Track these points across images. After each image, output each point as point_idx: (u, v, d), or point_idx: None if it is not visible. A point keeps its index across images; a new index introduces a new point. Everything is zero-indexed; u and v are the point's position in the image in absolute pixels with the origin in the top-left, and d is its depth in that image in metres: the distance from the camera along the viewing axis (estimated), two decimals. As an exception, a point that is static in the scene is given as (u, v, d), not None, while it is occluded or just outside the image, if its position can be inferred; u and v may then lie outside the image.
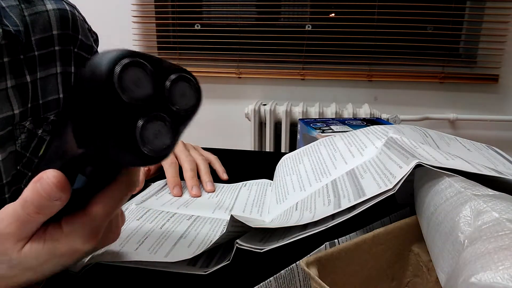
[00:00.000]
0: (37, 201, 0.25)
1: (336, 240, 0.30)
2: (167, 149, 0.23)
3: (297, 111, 1.58)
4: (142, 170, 0.57)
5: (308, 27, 1.68)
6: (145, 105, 0.22)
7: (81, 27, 0.59)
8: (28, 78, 0.51)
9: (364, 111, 1.56)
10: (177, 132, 0.24)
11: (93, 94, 0.21)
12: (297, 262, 0.30)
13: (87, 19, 0.63)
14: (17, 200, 0.26)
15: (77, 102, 0.23)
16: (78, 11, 0.60)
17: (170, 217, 0.44)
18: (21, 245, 0.27)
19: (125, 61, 0.21)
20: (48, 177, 0.24)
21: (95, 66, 0.21)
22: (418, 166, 0.32)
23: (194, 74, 0.25)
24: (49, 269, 0.29)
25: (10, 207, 0.26)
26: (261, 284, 0.29)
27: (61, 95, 0.56)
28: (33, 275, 0.29)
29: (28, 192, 0.25)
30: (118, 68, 0.20)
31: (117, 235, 0.31)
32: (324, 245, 0.30)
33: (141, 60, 0.21)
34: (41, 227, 0.27)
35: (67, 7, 0.57)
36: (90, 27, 0.63)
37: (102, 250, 0.35)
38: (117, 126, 0.21)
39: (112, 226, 0.30)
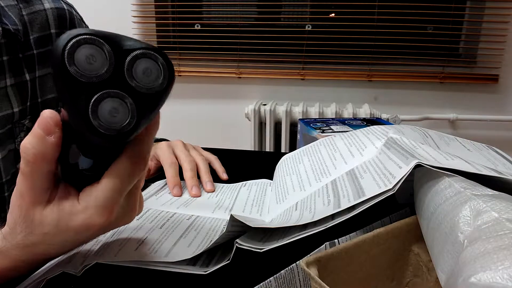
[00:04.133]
0: (34, 143, 0.26)
1: (336, 240, 0.30)
2: (126, 128, 0.23)
3: (297, 111, 1.58)
4: None
5: (308, 27, 1.68)
6: (103, 82, 0.22)
7: (79, 26, 0.59)
8: (27, 77, 0.51)
9: (364, 111, 1.56)
10: (141, 113, 0.23)
11: (52, 70, 0.22)
12: (297, 262, 0.30)
13: (87, 19, 0.64)
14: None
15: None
16: (76, 10, 0.60)
17: (170, 217, 0.44)
18: (42, 207, 0.28)
19: (78, 38, 0.21)
20: (45, 113, 0.26)
21: (55, 43, 0.22)
22: (418, 166, 0.32)
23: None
24: (67, 242, 0.30)
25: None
26: (261, 284, 0.29)
27: None
28: (51, 246, 0.30)
29: (26, 139, 0.26)
30: (69, 44, 0.21)
31: (131, 218, 0.32)
32: (324, 245, 0.30)
33: (96, 38, 0.21)
34: (62, 194, 0.28)
35: (65, 6, 0.57)
36: (88, 27, 0.63)
37: (102, 250, 0.35)
38: (72, 100, 0.22)
39: (127, 206, 0.31)
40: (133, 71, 0.23)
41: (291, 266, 0.30)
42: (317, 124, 0.68)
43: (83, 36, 0.21)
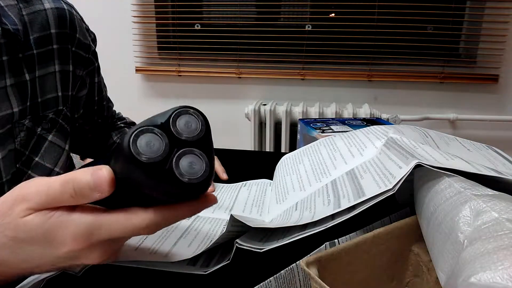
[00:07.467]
0: (80, 186, 0.25)
1: (336, 240, 0.30)
2: (205, 173, 0.25)
3: (297, 111, 1.58)
4: None
5: (308, 27, 1.68)
6: (166, 152, 0.24)
7: (79, 26, 0.59)
8: (27, 77, 0.51)
9: (364, 111, 1.56)
10: (207, 157, 0.26)
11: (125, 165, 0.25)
12: (297, 262, 0.30)
13: (87, 19, 0.64)
14: (55, 177, 0.27)
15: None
16: (76, 10, 0.60)
17: (170, 217, 0.44)
18: (28, 213, 0.27)
19: (137, 131, 0.24)
20: (105, 171, 0.26)
21: (121, 142, 0.24)
22: (418, 166, 0.32)
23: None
24: (41, 258, 0.28)
25: (44, 180, 0.27)
26: (261, 284, 0.29)
27: (59, 93, 0.56)
28: (28, 258, 0.28)
29: (77, 174, 0.26)
30: (132, 139, 0.24)
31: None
32: (324, 245, 0.30)
33: (149, 127, 0.24)
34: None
35: (65, 6, 0.57)
36: (88, 27, 0.63)
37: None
38: (154, 179, 0.24)
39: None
40: (179, 129, 0.26)
41: (291, 266, 0.30)
42: (317, 124, 0.68)
43: (140, 128, 0.24)
